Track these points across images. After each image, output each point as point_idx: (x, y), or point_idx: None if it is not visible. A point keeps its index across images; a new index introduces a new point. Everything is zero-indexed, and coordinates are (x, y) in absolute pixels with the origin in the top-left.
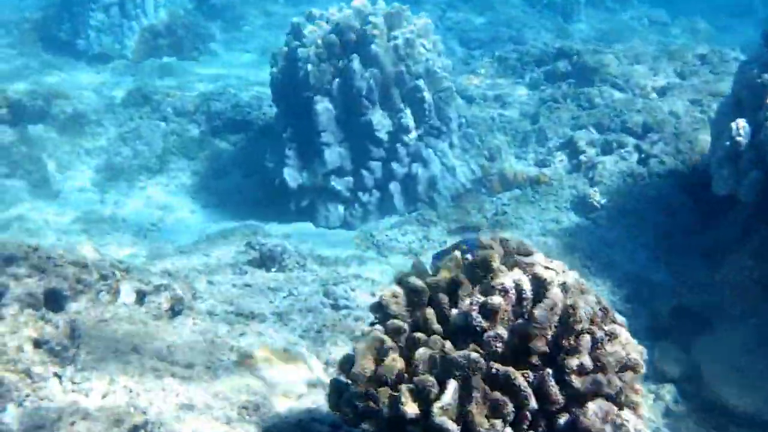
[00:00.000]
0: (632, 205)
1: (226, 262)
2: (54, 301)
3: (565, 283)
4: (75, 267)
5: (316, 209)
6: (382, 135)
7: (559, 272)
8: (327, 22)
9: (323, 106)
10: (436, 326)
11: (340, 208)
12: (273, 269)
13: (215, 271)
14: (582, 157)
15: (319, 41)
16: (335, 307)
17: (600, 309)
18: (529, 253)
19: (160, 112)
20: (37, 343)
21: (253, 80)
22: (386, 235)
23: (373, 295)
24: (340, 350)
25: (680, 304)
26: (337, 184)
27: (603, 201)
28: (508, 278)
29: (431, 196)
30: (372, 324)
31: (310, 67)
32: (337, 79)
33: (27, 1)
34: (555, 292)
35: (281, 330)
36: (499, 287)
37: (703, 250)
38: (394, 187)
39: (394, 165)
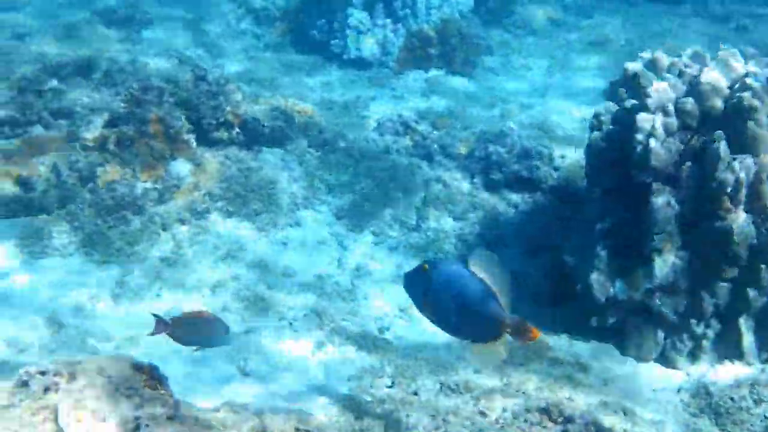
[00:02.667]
0: None
1: None
2: None
3: None
4: None
5: (627, 332)
6: (742, 250)
7: None
8: (679, 76)
9: (663, 199)
10: None
11: (660, 335)
12: None
13: None
14: None
15: (669, 106)
16: None
17: None
18: None
19: (424, 148)
20: None
21: (539, 113)
22: (731, 398)
23: None
24: None
25: None
26: (664, 304)
27: None
28: None
29: None
30: None
31: (653, 143)
32: (688, 163)
33: None
34: None
35: None
36: None
37: None
38: (744, 321)
39: (751, 292)
